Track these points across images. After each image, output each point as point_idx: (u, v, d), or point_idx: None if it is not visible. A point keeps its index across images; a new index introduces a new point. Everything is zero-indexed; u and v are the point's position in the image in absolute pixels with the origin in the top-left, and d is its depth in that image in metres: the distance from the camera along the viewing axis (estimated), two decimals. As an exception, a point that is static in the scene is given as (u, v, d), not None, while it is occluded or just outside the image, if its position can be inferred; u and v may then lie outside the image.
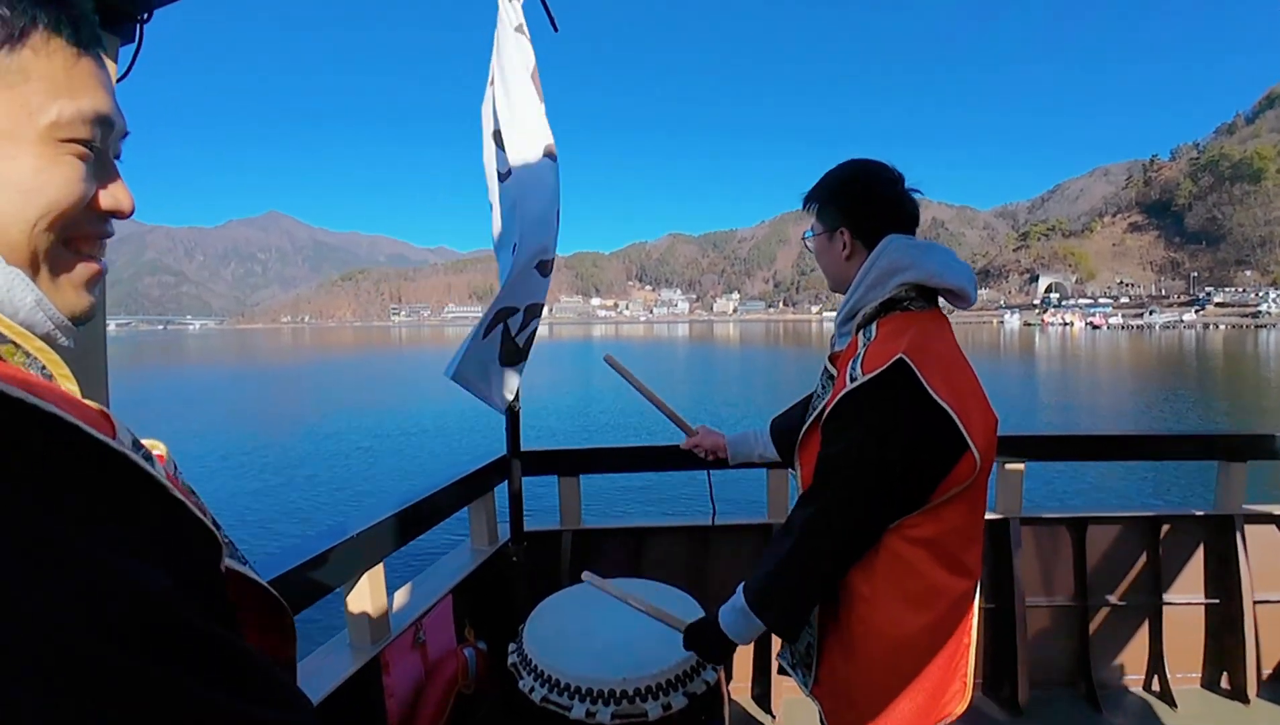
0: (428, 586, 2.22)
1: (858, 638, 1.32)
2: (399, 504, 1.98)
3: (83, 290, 0.55)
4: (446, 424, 19.30)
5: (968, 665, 1.39)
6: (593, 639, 1.62)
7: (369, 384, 36.49)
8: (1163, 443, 3.02)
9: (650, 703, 1.44)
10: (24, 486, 0.35)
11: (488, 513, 2.59)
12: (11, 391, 0.37)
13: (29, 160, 0.48)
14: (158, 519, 0.44)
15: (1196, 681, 2.71)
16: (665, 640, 1.50)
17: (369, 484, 12.77)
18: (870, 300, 1.35)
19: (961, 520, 1.30)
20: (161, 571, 0.39)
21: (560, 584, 2.53)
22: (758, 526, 2.76)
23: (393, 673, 1.88)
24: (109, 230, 0.56)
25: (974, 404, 1.26)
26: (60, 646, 0.31)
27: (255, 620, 0.58)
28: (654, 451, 2.78)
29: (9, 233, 0.48)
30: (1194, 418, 20.22)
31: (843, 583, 1.33)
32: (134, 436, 0.51)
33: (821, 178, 1.46)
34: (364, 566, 1.81)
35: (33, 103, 0.48)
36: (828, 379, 1.41)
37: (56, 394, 0.43)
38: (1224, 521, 2.72)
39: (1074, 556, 2.74)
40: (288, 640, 0.61)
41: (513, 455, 2.45)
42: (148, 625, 0.35)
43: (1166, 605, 2.72)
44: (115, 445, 0.42)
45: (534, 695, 1.48)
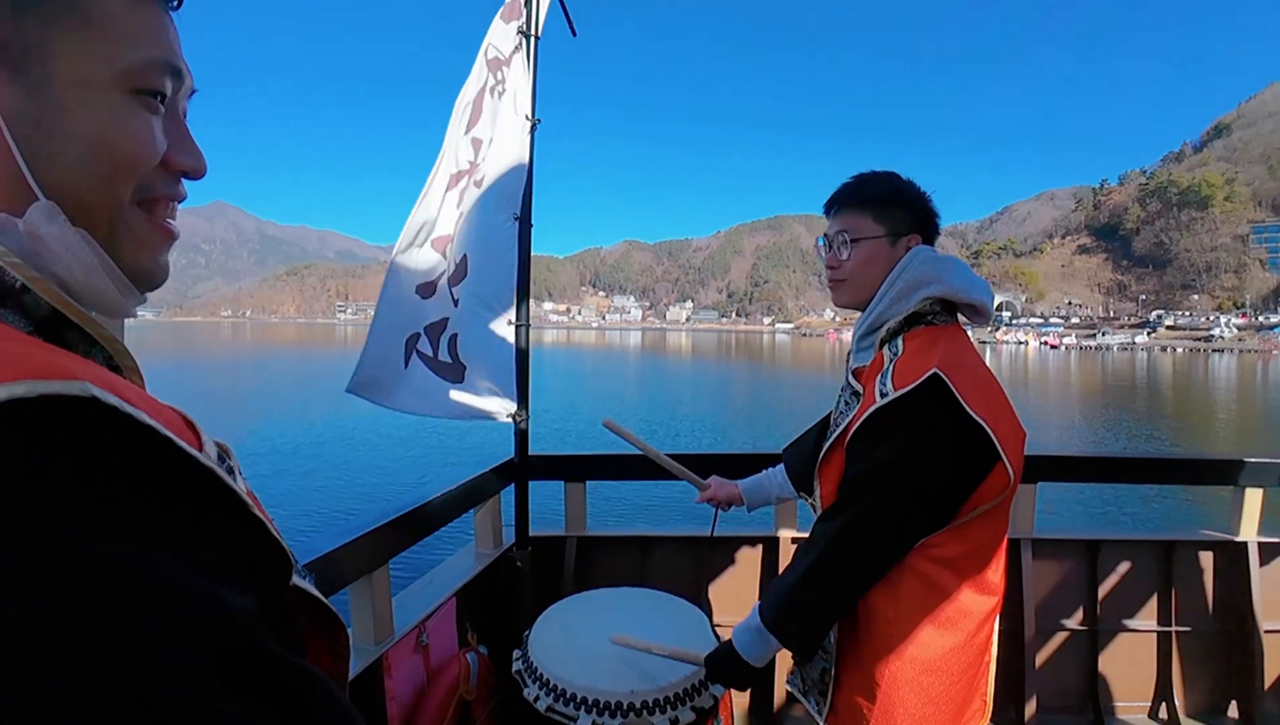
0: (431, 589, 2.21)
1: (881, 663, 1.27)
2: (405, 506, 1.97)
3: (156, 252, 0.52)
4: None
5: (988, 683, 1.38)
6: (600, 648, 1.60)
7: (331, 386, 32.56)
8: (1178, 466, 2.94)
9: (657, 716, 1.43)
10: (118, 506, 0.33)
11: (493, 517, 2.57)
12: (108, 398, 0.34)
13: (100, 111, 0.45)
14: (240, 537, 0.42)
15: (1205, 710, 2.68)
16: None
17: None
18: (894, 313, 1.33)
19: (989, 537, 1.28)
20: (247, 595, 0.38)
21: (563, 590, 2.56)
22: (764, 538, 2.74)
23: (395, 675, 1.88)
24: (182, 192, 0.53)
25: (1006, 419, 1.24)
26: (154, 679, 0.30)
27: (311, 636, 0.55)
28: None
29: (77, 190, 0.46)
30: (1194, 445, 20.79)
31: (864, 606, 1.29)
32: (218, 446, 0.49)
33: (869, 179, 1.42)
34: (369, 567, 1.81)
35: (102, 49, 0.45)
36: (851, 396, 1.37)
37: (144, 399, 0.40)
38: (1237, 548, 2.69)
39: (1085, 580, 2.71)
40: (341, 658, 0.58)
41: (519, 459, 2.47)
42: (236, 654, 0.34)
43: (1177, 632, 2.68)
44: (204, 460, 0.39)
45: (539, 704, 1.48)
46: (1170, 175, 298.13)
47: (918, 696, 1.26)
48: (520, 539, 2.49)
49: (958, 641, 1.26)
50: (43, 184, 0.45)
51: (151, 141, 0.48)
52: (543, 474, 2.65)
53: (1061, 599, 2.69)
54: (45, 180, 0.45)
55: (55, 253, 0.45)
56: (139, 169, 0.48)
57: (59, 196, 0.45)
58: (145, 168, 0.48)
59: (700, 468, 2.81)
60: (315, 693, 0.39)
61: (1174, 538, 2.72)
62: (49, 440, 0.32)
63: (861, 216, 1.38)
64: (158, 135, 0.49)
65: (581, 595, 1.90)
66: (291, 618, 0.49)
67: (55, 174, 0.45)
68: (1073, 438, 21.45)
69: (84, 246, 0.46)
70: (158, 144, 0.49)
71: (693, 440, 19.01)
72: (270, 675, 0.36)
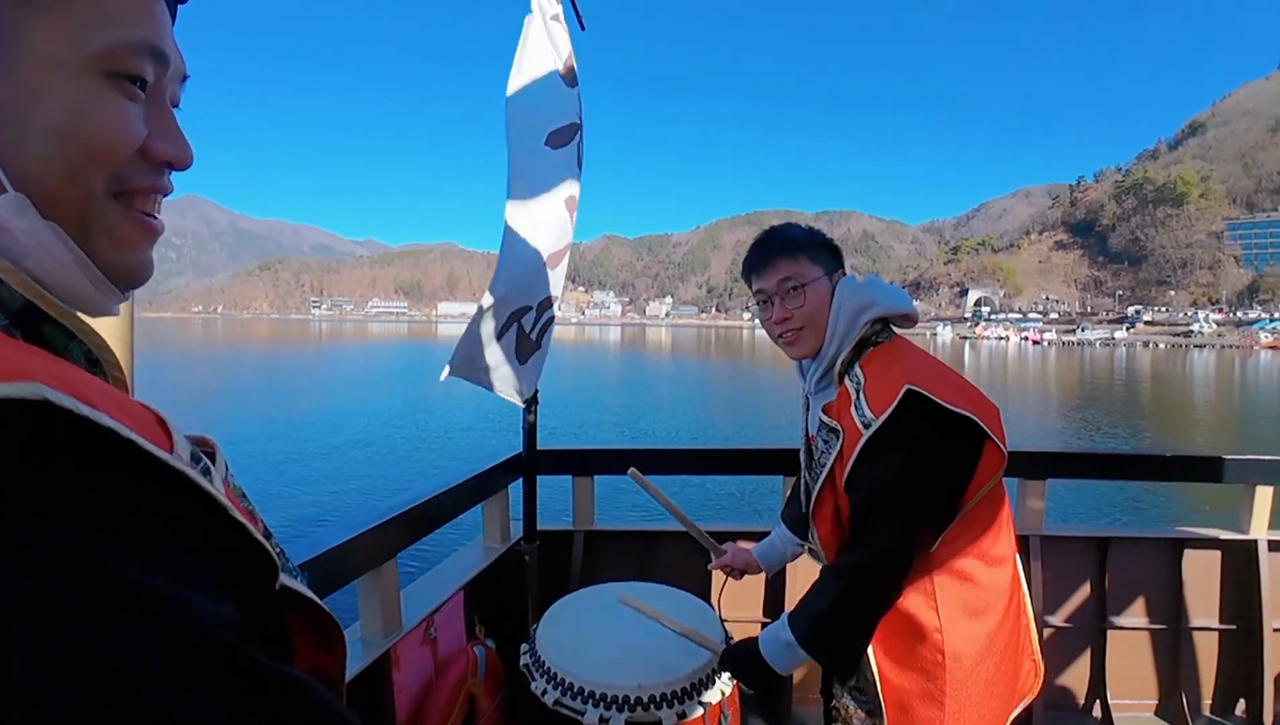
0: (440, 583, 2.23)
1: (938, 671, 1.30)
2: (413, 500, 1.98)
3: (134, 249, 0.48)
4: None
5: (1032, 642, 1.43)
6: (607, 643, 1.61)
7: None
8: (1188, 464, 2.92)
9: (665, 710, 1.43)
10: (73, 513, 0.31)
11: (501, 511, 2.60)
12: (61, 399, 0.32)
13: (68, 96, 0.42)
14: (217, 541, 0.39)
15: (1213, 708, 2.69)
16: (680, 647, 1.50)
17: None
18: (846, 345, 1.37)
19: (994, 513, 1.33)
20: (225, 602, 0.35)
21: (570, 584, 2.60)
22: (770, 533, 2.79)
23: (403, 668, 1.89)
24: (166, 185, 0.50)
25: (981, 403, 1.29)
26: (124, 692, 0.28)
27: (305, 636, 0.52)
28: (671, 453, 2.91)
29: (45, 180, 0.42)
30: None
31: (909, 623, 1.32)
32: (191, 446, 0.45)
33: (785, 229, 1.47)
34: (378, 561, 1.82)
35: (75, 29, 0.42)
36: (829, 434, 1.37)
37: (109, 399, 0.37)
38: (1247, 546, 2.70)
39: (1094, 576, 2.72)
40: (338, 657, 0.56)
41: (528, 454, 2.49)
42: (212, 665, 0.32)
43: (1185, 630, 2.70)
44: (174, 462, 0.36)
45: (546, 697, 1.49)
46: (1146, 172, 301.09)
47: (981, 687, 1.30)
48: (528, 533, 2.51)
49: (997, 619, 1.32)
50: (12, 175, 0.42)
51: (125, 129, 0.45)
52: (551, 468, 2.66)
53: (1070, 595, 2.69)
54: (14, 171, 0.42)
55: (25, 247, 0.42)
56: (110, 158, 0.45)
57: (29, 188, 0.42)
58: (118, 157, 0.45)
59: (698, 463, 2.96)
60: (303, 700, 0.37)
61: (1184, 535, 2.73)
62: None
63: (798, 262, 1.41)
64: (133, 122, 0.45)
65: (589, 589, 1.92)
66: (280, 619, 0.46)
67: (24, 164, 0.42)
68: (1051, 438, 20.98)
69: (56, 241, 0.43)
70: (133, 131, 0.45)
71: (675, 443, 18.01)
72: (248, 684, 0.34)
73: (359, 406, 24.83)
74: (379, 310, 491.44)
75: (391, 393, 29.87)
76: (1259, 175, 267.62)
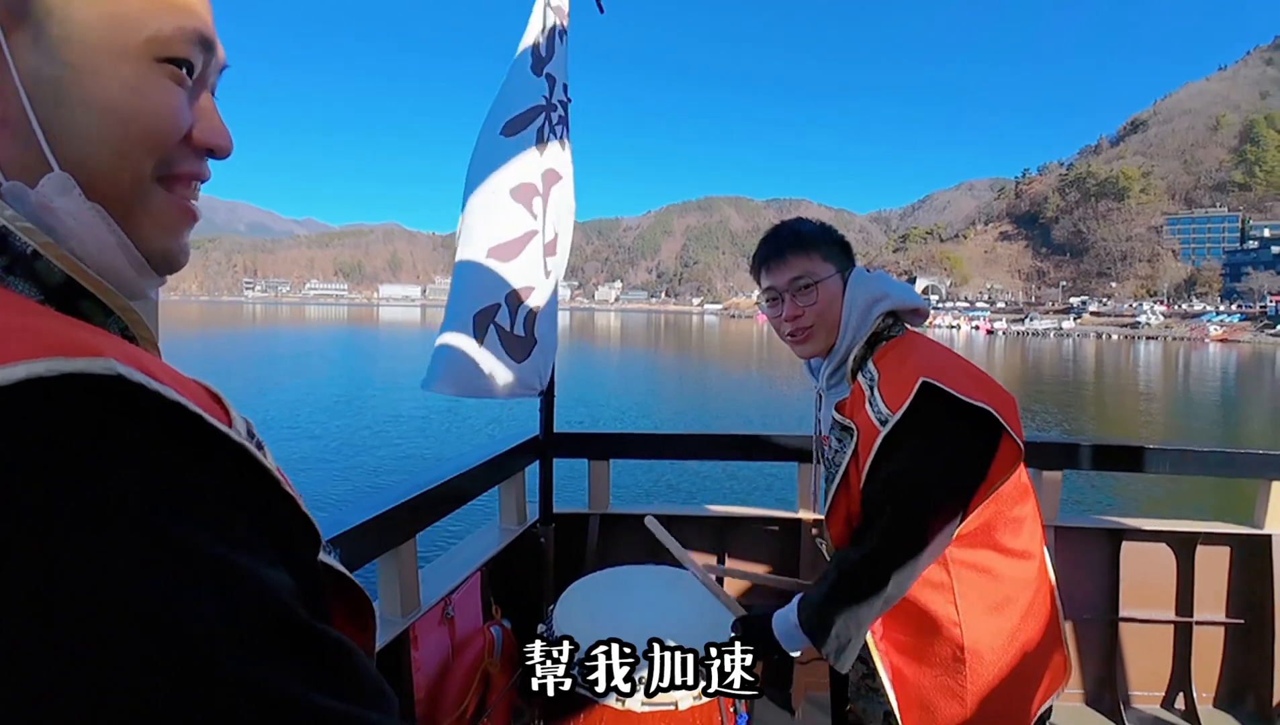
0: (457, 563, 2.25)
1: (958, 667, 1.28)
2: (432, 481, 2.01)
3: (175, 234, 0.49)
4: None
5: (1062, 636, 1.39)
6: (624, 624, 1.59)
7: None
8: (1204, 458, 2.91)
9: (681, 692, 1.44)
10: (151, 486, 0.31)
11: (518, 493, 2.62)
12: (133, 375, 0.33)
13: (122, 79, 0.42)
14: (274, 514, 0.41)
15: (1222, 701, 2.70)
16: (696, 629, 1.50)
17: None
18: (858, 340, 1.35)
19: (1015, 507, 1.30)
20: (283, 571, 0.37)
21: (586, 566, 2.61)
22: (786, 519, 2.78)
23: (420, 647, 1.91)
24: (206, 171, 0.50)
25: (998, 394, 1.26)
26: (196, 659, 0.29)
27: (337, 611, 0.53)
28: (685, 439, 2.97)
29: (96, 161, 0.43)
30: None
31: (928, 619, 1.30)
32: (247, 421, 0.46)
33: (797, 224, 1.45)
34: (397, 540, 1.84)
35: (130, 14, 0.42)
36: (843, 432, 1.34)
37: (169, 374, 0.38)
38: (1261, 540, 2.70)
39: (1107, 568, 2.73)
40: (368, 632, 0.57)
41: (545, 437, 2.51)
42: (283, 630, 0.34)
43: (1197, 623, 2.70)
44: (234, 436, 0.38)
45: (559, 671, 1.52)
46: (1089, 166, 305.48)
47: (1005, 682, 1.28)
48: (544, 515, 2.52)
49: (1021, 613, 1.30)
50: (59, 155, 0.42)
51: (176, 114, 0.45)
52: (567, 451, 2.69)
53: (1083, 586, 2.70)
54: (61, 151, 0.42)
55: (68, 227, 0.42)
56: (161, 142, 0.45)
57: (75, 168, 0.42)
58: (168, 142, 0.46)
59: (698, 448, 3.00)
60: (351, 664, 0.38)
61: (1197, 528, 2.72)
62: (74, 423, 0.30)
63: (811, 259, 1.38)
64: (183, 108, 0.46)
65: (606, 571, 1.93)
66: (322, 591, 0.47)
67: (72, 144, 0.42)
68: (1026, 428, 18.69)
69: (99, 222, 0.43)
70: (183, 117, 0.46)
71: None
72: (311, 648, 0.35)
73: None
74: (317, 292, 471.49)
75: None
76: (1198, 172, 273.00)
